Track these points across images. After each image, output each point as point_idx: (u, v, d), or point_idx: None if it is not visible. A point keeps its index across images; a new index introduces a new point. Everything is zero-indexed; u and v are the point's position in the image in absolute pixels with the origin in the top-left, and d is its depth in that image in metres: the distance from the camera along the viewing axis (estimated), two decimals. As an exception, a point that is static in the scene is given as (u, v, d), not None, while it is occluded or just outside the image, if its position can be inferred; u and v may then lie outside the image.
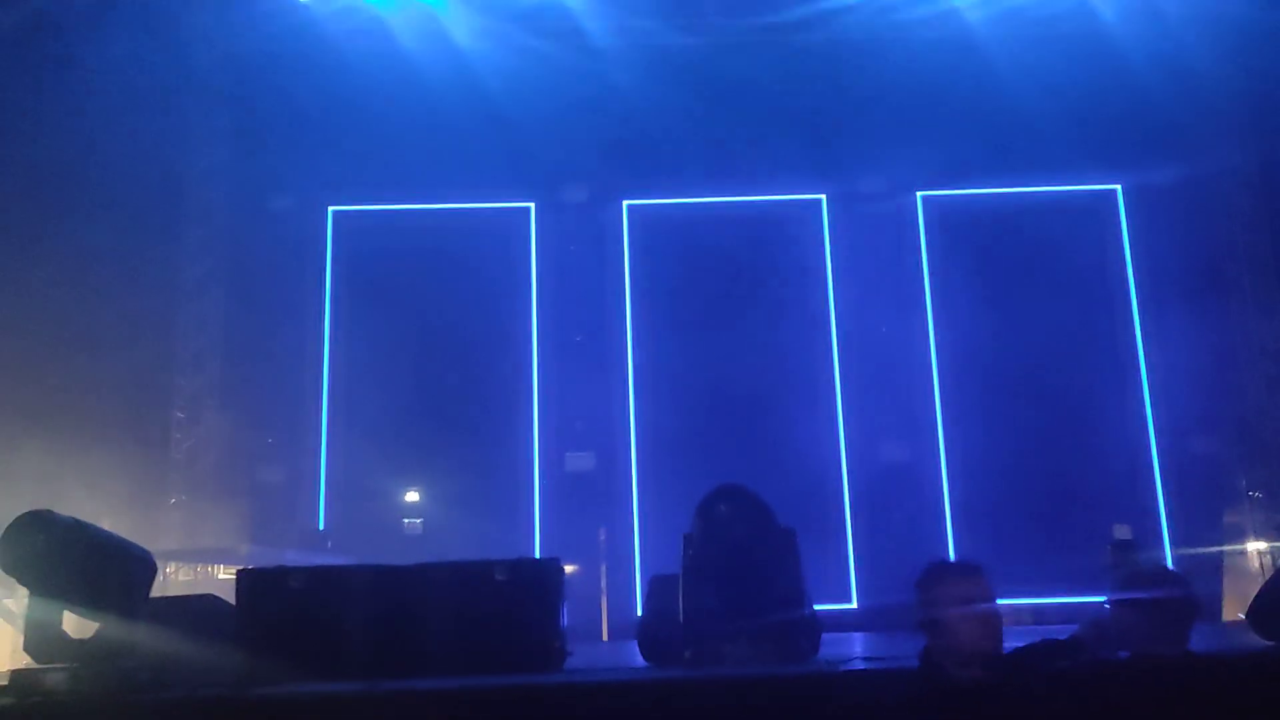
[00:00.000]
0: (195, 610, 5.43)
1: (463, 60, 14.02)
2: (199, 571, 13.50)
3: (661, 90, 13.87)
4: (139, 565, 4.99)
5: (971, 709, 2.73)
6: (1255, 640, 4.93)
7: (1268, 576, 5.86)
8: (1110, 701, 3.39)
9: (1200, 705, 3.49)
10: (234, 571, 6.34)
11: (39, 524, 4.62)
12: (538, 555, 11.80)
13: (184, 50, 14.31)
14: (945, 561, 2.94)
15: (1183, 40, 13.94)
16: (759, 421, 13.49)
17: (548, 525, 13.70)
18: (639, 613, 6.52)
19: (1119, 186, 14.25)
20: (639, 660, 5.68)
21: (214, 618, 5.30)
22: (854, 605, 12.90)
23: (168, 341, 14.26)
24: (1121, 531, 4.92)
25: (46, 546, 4.58)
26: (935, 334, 13.95)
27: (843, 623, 11.42)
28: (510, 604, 4.90)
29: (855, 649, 6.89)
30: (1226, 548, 13.13)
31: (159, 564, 13.42)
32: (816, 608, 5.57)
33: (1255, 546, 13.39)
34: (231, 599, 5.42)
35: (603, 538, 13.87)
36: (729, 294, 14.16)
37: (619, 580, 13.36)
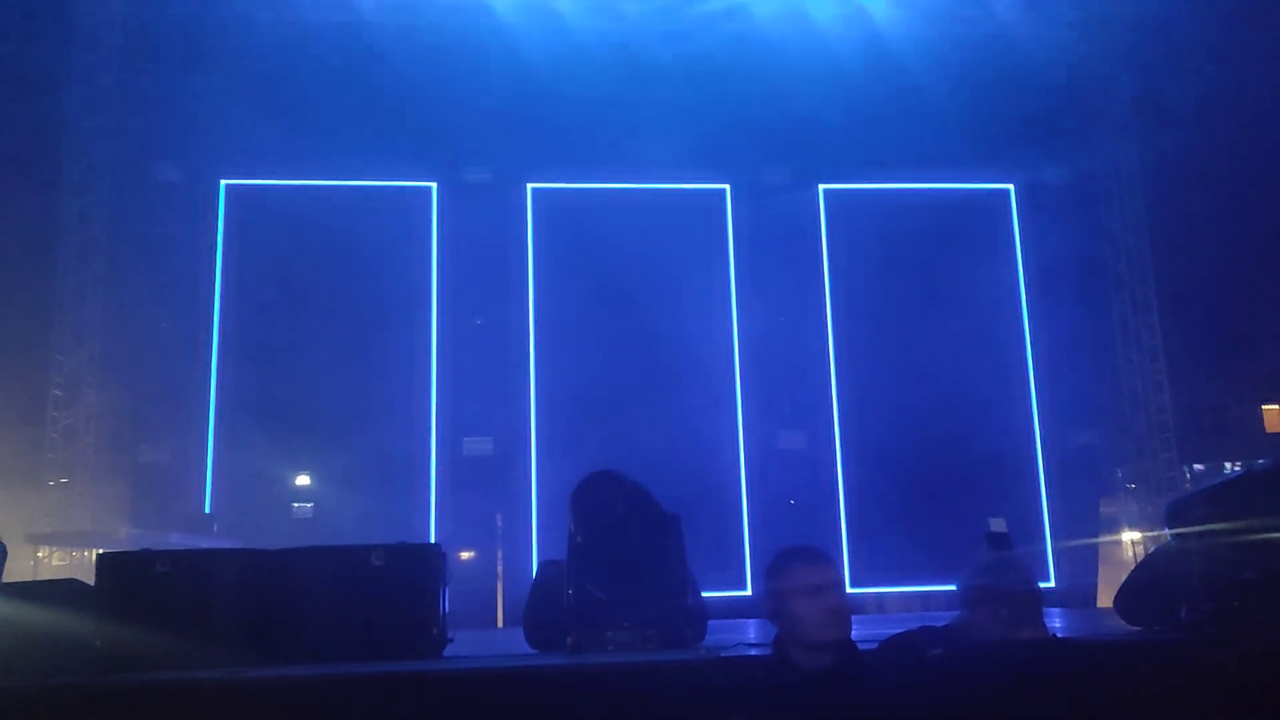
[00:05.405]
0: (54, 595, 5.15)
1: (365, 31, 13.68)
2: (74, 556, 12.97)
3: (569, 75, 13.74)
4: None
5: (827, 695, 2.73)
6: (1121, 626, 5.12)
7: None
8: (981, 685, 3.45)
9: (1068, 687, 3.59)
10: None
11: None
12: (433, 541, 11.63)
13: (69, 10, 13.63)
14: (791, 550, 2.91)
15: (1074, 46, 14.53)
16: (658, 407, 13.49)
17: (444, 511, 13.50)
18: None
19: (1012, 186, 14.69)
20: (525, 647, 5.59)
21: (75, 603, 5.03)
22: (749, 592, 13.02)
23: (45, 314, 13.60)
24: (996, 524, 5.02)
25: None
26: (833, 323, 14.19)
27: (738, 609, 11.50)
28: (387, 590, 4.75)
29: (747, 635, 6.90)
30: (1104, 538, 13.68)
31: (34, 549, 12.79)
32: (711, 594, 5.55)
33: (1130, 536, 13.97)
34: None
35: (500, 523, 13.75)
36: (631, 280, 14.11)
37: (516, 566, 13.26)
